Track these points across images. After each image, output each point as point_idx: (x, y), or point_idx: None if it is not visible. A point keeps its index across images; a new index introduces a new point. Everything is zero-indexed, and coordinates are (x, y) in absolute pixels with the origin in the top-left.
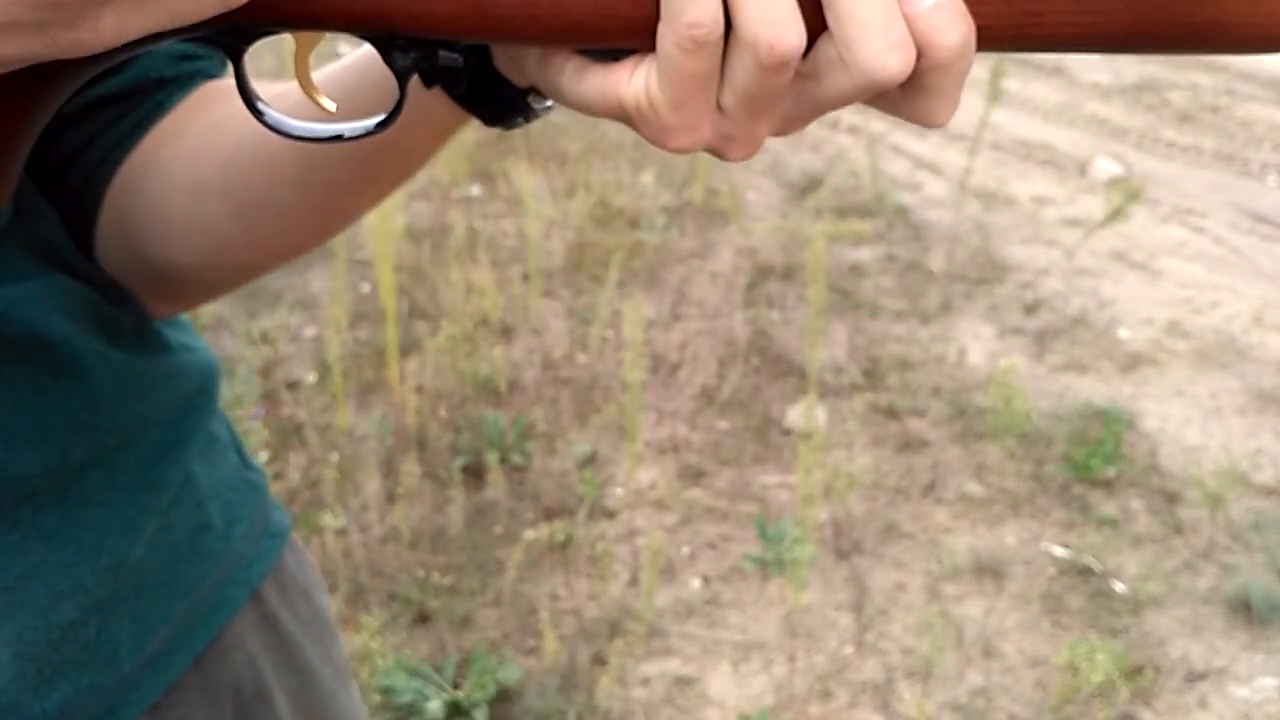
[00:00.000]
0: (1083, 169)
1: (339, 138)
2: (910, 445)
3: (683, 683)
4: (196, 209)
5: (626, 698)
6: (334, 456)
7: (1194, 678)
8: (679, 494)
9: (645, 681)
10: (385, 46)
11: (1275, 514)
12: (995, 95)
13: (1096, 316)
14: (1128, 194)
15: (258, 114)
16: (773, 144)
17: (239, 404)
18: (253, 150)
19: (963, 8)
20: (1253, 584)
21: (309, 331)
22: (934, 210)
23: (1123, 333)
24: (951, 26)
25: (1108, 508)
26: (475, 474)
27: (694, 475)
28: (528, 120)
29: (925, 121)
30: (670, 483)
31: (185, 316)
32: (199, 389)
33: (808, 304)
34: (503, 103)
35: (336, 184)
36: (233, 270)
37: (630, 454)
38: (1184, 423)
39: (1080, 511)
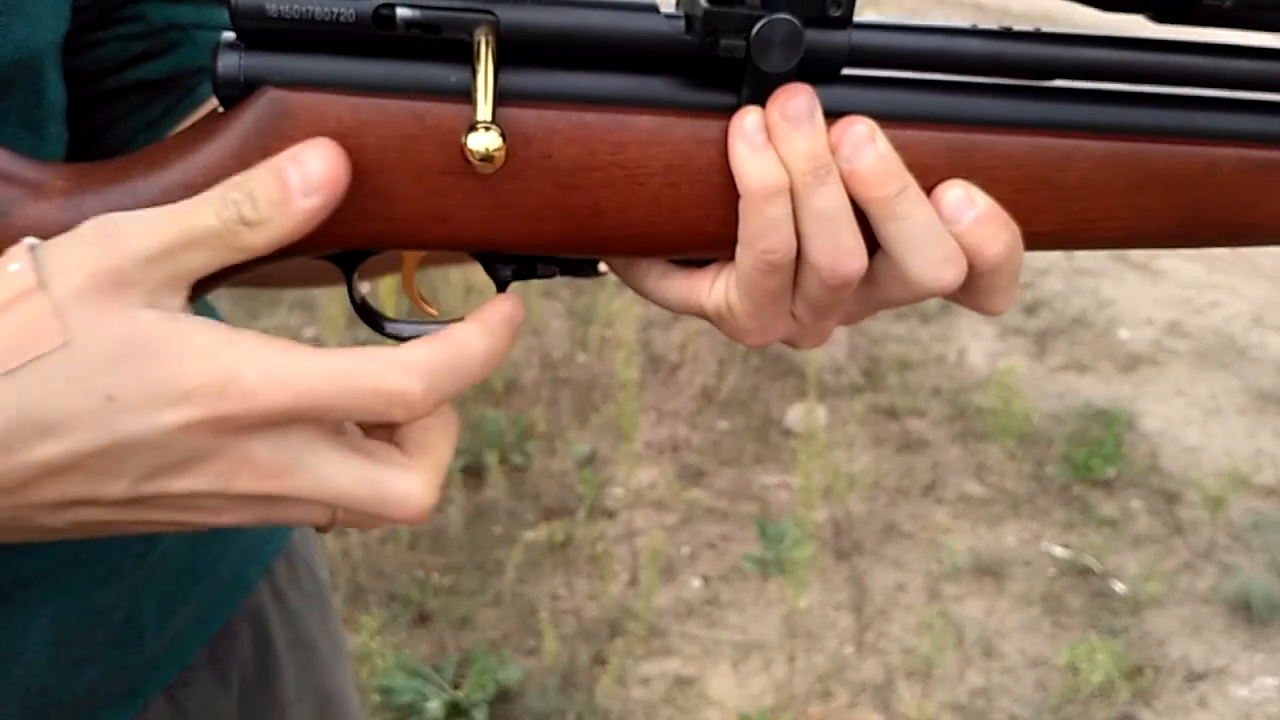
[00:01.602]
0: None
1: None
2: (910, 445)
3: (683, 683)
4: None
5: (626, 698)
6: None
7: (1194, 678)
8: (679, 494)
9: (645, 681)
10: (488, 261)
11: (1275, 514)
12: None
13: (1096, 316)
14: None
15: (377, 327)
16: None
17: None
18: None
19: (1004, 216)
20: (1253, 584)
21: (309, 332)
22: None
23: (1123, 333)
24: (995, 237)
25: (1108, 508)
26: (475, 474)
27: (694, 475)
28: (596, 277)
29: (987, 313)
30: (670, 483)
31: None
32: None
33: None
34: (578, 269)
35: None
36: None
37: (630, 454)
38: (1184, 423)
39: (1080, 511)
